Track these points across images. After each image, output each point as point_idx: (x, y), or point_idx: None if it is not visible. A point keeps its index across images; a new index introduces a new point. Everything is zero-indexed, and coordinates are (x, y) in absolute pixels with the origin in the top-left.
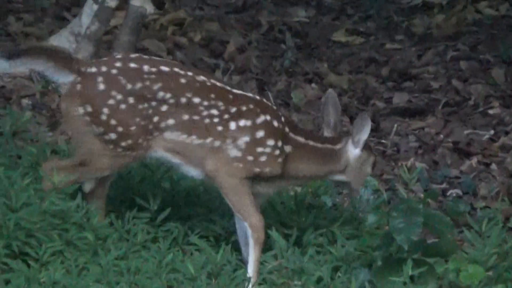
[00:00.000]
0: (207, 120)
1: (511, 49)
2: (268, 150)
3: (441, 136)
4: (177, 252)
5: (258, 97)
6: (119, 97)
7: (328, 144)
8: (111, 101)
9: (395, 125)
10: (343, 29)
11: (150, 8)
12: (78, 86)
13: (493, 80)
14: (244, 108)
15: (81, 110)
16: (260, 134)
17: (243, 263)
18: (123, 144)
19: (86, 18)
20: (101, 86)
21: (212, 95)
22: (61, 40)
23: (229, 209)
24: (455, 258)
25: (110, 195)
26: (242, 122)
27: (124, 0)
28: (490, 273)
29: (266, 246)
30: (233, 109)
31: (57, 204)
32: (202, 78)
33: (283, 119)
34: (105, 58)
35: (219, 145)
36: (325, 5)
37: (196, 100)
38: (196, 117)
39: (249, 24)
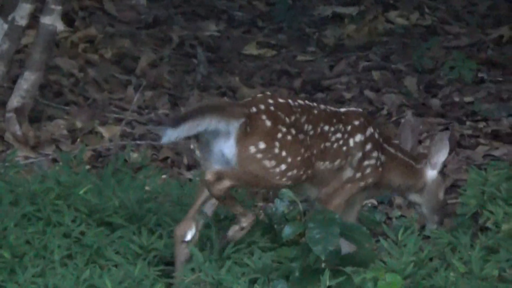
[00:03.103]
0: (335, 145)
1: (423, 58)
2: (372, 162)
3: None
4: (95, 268)
5: (360, 110)
6: (284, 129)
7: (412, 160)
8: (279, 135)
9: None
10: (254, 42)
11: (60, 26)
12: (248, 128)
13: (405, 89)
14: (356, 122)
15: (253, 149)
16: (368, 147)
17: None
18: (288, 174)
19: None
20: (268, 123)
21: (334, 120)
22: None
23: (147, 225)
24: (372, 267)
25: (25, 213)
26: (357, 138)
27: (35, 19)
28: (408, 281)
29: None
30: (349, 127)
31: None
32: (323, 106)
33: (377, 129)
34: (249, 98)
35: (342, 165)
36: (236, 19)
37: (326, 128)
38: (328, 144)
39: (160, 39)
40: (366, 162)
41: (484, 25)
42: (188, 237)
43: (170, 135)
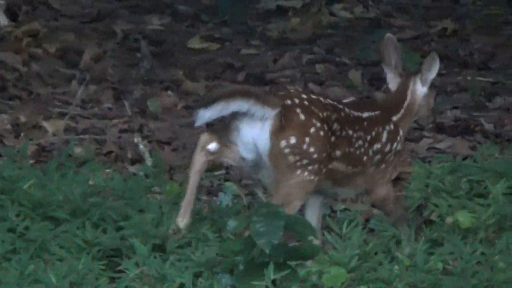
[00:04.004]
0: (358, 152)
1: (367, 51)
2: (395, 150)
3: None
4: (39, 263)
5: (377, 112)
6: (318, 124)
7: (402, 101)
8: (312, 129)
9: None
10: (198, 35)
11: (4, 20)
12: (282, 120)
13: (350, 82)
14: (373, 133)
15: (283, 143)
16: (388, 147)
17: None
18: (309, 168)
19: None
20: (302, 116)
21: (357, 127)
22: None
23: (91, 219)
24: (317, 260)
25: None
26: (375, 147)
27: None
28: (352, 274)
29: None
30: (369, 137)
31: None
32: (347, 110)
33: (390, 114)
34: (283, 92)
35: (363, 171)
36: (179, 12)
37: (350, 132)
38: (351, 149)
39: (104, 33)
40: (388, 155)
41: (428, 17)
42: (211, 146)
43: (203, 116)
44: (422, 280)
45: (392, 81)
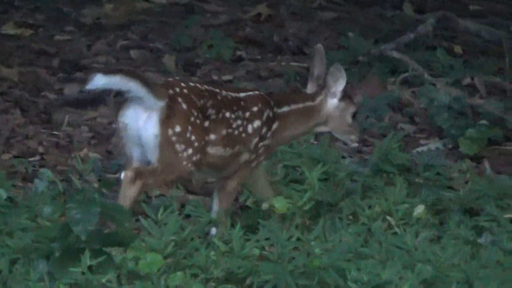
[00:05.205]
0: (236, 132)
1: (181, 37)
2: (266, 142)
3: (114, 125)
4: None
5: (257, 92)
6: (195, 113)
7: (308, 101)
8: (192, 118)
9: (67, 116)
10: (11, 21)
11: None
12: (168, 110)
13: (164, 67)
14: (254, 108)
15: (170, 132)
16: (264, 130)
17: None
18: (194, 159)
19: None
20: (184, 106)
21: (235, 107)
22: None
23: None
24: (133, 246)
25: None
26: (255, 124)
27: None
28: (169, 260)
29: None
30: (247, 113)
31: None
32: (224, 92)
33: (272, 102)
34: (162, 82)
35: (240, 151)
36: None
37: (227, 114)
38: (229, 130)
39: None
40: (260, 144)
41: (242, 3)
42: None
43: (98, 80)
44: (239, 266)
45: (310, 90)
